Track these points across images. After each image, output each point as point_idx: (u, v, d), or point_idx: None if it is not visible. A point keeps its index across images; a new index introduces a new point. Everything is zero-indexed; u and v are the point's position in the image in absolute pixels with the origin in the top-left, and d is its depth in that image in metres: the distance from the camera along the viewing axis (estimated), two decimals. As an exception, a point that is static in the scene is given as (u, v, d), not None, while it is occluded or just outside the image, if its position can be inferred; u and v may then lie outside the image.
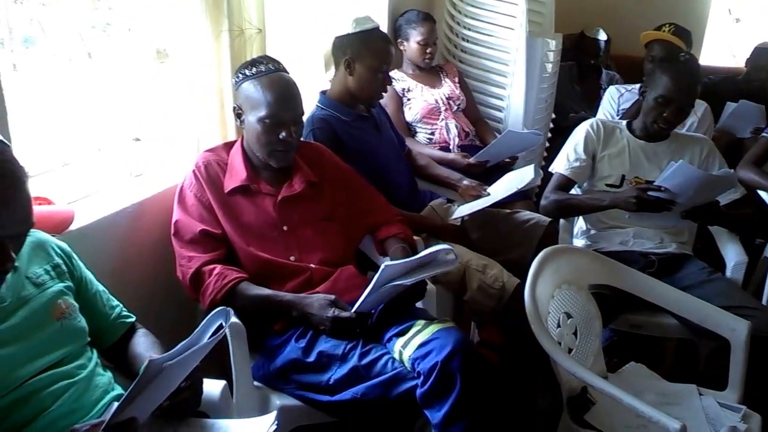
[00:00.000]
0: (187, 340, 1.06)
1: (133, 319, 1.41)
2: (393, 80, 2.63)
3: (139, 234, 1.83)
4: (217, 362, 1.64)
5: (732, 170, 2.04)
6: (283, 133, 1.70)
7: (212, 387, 1.37)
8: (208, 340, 1.05)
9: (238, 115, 1.77)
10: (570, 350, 1.70)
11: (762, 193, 2.66)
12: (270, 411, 1.55)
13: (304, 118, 1.84)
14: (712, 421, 1.58)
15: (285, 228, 1.76)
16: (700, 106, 3.01)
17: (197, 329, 1.12)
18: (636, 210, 1.99)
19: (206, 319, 1.14)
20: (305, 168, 1.84)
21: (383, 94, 2.31)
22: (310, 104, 2.20)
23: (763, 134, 2.74)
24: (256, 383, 1.65)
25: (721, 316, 1.76)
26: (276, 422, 1.19)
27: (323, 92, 2.30)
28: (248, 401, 1.56)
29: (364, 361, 1.52)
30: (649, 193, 1.96)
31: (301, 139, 1.93)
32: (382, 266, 1.51)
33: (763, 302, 2.44)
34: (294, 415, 1.61)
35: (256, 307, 1.65)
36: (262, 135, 1.71)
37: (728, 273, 2.15)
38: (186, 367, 1.06)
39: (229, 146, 1.84)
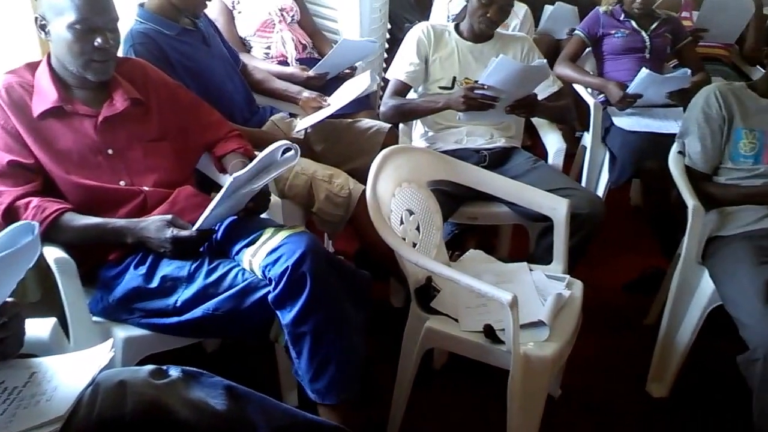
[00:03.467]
0: None
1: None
2: (219, -9, 2.49)
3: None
4: (49, 302, 1.55)
5: (545, 60, 2.17)
6: (99, 40, 1.56)
7: (39, 327, 1.28)
8: None
9: (42, 26, 1.58)
10: (414, 245, 1.77)
11: (577, 87, 2.89)
12: (114, 344, 1.50)
13: (122, 33, 1.69)
14: (542, 291, 1.73)
15: (110, 151, 1.64)
16: (521, 9, 3.17)
17: None
18: (465, 109, 2.07)
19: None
20: (126, 85, 1.70)
21: (207, 3, 2.17)
22: (127, 19, 2.02)
23: (575, 32, 2.95)
24: (95, 318, 1.57)
25: (543, 198, 1.91)
26: (114, 348, 1.14)
27: (141, 5, 2.13)
28: (87, 338, 1.48)
29: (212, 278, 1.48)
30: (475, 91, 2.04)
31: (121, 55, 1.79)
32: (230, 179, 1.46)
33: (583, 185, 2.71)
34: (143, 345, 1.55)
35: (86, 238, 1.54)
36: (74, 44, 1.55)
37: (550, 160, 2.35)
38: None
39: (33, 67, 1.65)
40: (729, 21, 3.19)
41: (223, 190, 1.47)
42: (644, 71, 2.56)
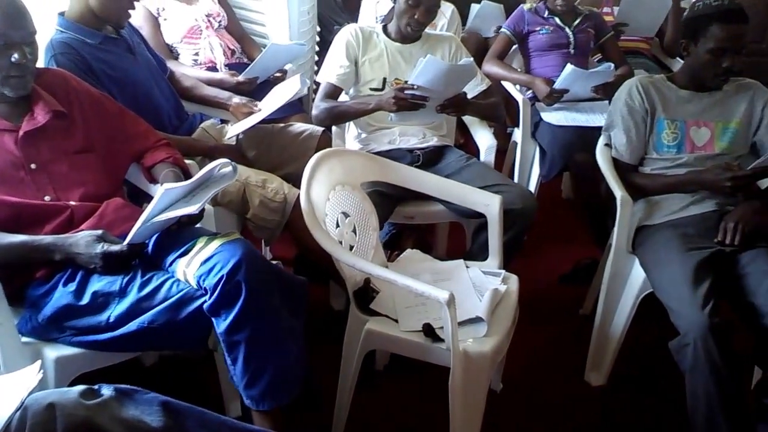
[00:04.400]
0: None
1: None
2: (143, -3, 2.43)
3: None
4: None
5: (472, 59, 2.21)
6: (16, 55, 1.51)
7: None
8: None
9: None
10: (351, 247, 1.78)
11: (506, 84, 2.96)
12: (45, 365, 1.45)
13: (42, 44, 1.63)
14: (478, 287, 1.76)
15: (33, 166, 1.59)
16: (448, 8, 3.22)
17: None
18: (396, 110, 2.08)
19: None
20: (47, 97, 1.65)
21: (130, 11, 2.12)
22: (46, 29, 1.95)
23: (502, 30, 3.01)
24: (24, 339, 1.51)
25: (476, 194, 1.94)
26: (42, 370, 1.10)
27: (61, 13, 2.06)
28: (17, 360, 1.43)
29: (146, 291, 1.45)
30: (405, 91, 2.06)
31: (42, 65, 1.73)
32: (162, 190, 1.43)
33: (515, 180, 2.77)
34: (76, 364, 1.51)
35: (12, 257, 1.49)
36: None
37: (482, 157, 2.39)
38: None
39: None
40: (648, 15, 3.32)
41: (154, 201, 1.45)
42: (569, 67, 2.64)
